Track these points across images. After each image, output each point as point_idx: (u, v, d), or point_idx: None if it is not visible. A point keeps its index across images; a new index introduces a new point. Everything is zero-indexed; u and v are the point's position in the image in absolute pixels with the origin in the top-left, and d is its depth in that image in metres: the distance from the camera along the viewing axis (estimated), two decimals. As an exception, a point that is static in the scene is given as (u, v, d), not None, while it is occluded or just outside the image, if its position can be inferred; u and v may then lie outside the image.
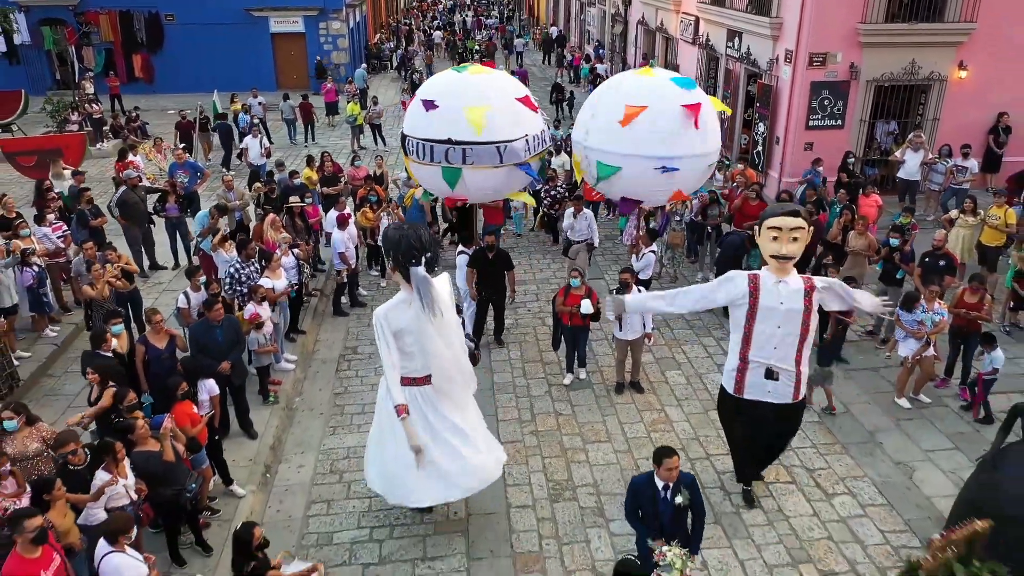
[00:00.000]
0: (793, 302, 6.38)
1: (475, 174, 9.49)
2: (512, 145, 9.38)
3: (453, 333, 6.56)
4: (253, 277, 9.34)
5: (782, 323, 6.41)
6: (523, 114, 9.68)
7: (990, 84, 15.23)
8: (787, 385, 6.62)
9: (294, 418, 8.89)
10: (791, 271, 6.53)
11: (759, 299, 6.40)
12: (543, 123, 10.12)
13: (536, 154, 9.88)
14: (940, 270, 9.24)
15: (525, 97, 9.86)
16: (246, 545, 5.34)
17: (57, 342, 10.04)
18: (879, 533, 6.95)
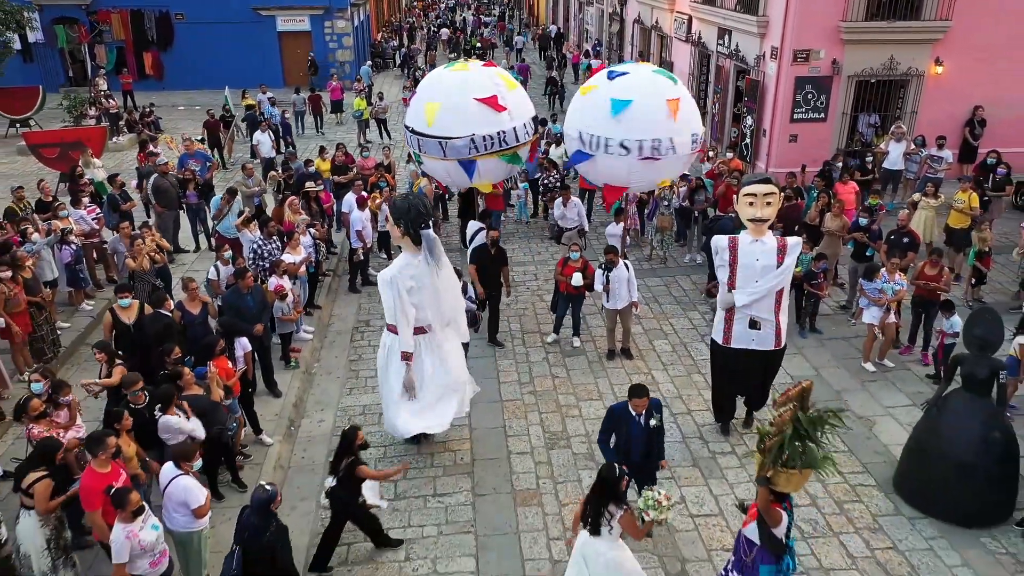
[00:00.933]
0: (767, 259, 7.27)
1: (428, 161, 10.83)
2: (452, 142, 10.29)
3: (452, 287, 7.75)
4: (274, 253, 10.19)
5: (759, 277, 7.29)
6: (477, 114, 10.31)
7: (965, 79, 16.05)
8: (769, 333, 7.50)
9: (313, 380, 9.76)
10: (766, 232, 7.41)
11: (738, 257, 7.29)
12: (509, 122, 10.54)
13: (492, 151, 10.52)
14: (903, 246, 10.10)
15: (491, 97, 10.39)
16: (350, 443, 6.31)
17: (92, 315, 10.89)
18: (838, 474, 7.79)
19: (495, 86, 10.68)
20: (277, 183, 14.04)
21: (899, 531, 7.02)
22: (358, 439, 6.35)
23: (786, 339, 7.84)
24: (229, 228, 11.65)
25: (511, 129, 10.56)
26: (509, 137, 10.60)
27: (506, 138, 10.57)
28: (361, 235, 12.01)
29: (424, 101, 10.69)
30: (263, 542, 5.52)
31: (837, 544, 6.88)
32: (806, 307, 10.49)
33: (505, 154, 10.77)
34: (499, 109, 10.47)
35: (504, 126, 10.50)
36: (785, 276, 7.47)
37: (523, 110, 10.95)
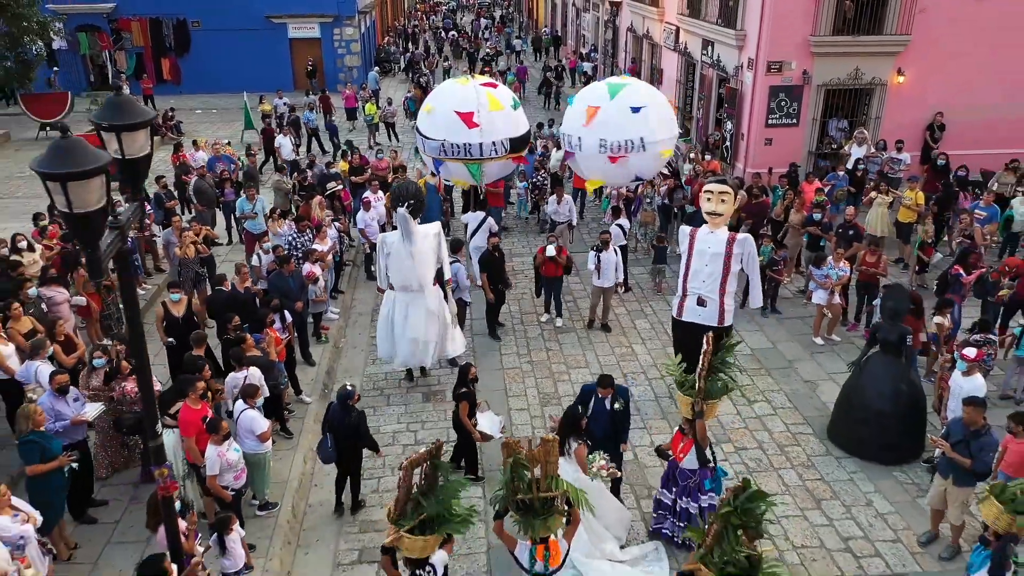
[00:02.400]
0: (717, 248, 8.84)
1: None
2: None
3: (422, 262, 9.63)
4: (306, 244, 11.76)
5: (709, 263, 8.87)
6: (453, 124, 12.08)
7: (925, 88, 17.61)
8: (713, 311, 9.06)
9: (341, 353, 11.36)
10: (721, 226, 8.98)
11: (695, 244, 8.88)
12: (479, 138, 12.10)
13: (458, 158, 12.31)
14: (849, 238, 11.68)
15: (468, 114, 12.06)
16: (465, 376, 8.17)
17: (145, 298, 12.46)
18: (784, 425, 9.40)
19: (478, 104, 12.23)
20: (293, 185, 15.57)
21: (827, 467, 8.62)
22: (471, 374, 8.22)
23: (731, 320, 9.28)
24: (253, 226, 13.25)
25: (478, 144, 12.11)
26: (474, 151, 12.19)
27: (471, 151, 12.19)
28: (363, 233, 13.52)
29: (426, 103, 12.93)
30: (347, 424, 7.44)
31: (776, 477, 8.47)
32: (767, 290, 12.05)
33: (470, 163, 12.43)
34: (471, 126, 12.11)
35: (472, 140, 12.10)
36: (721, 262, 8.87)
37: (499, 130, 12.29)
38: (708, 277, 8.92)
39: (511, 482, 5.47)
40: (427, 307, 9.79)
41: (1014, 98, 17.62)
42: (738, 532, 5.04)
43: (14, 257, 10.28)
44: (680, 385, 6.88)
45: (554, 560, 5.60)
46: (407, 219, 9.46)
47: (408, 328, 9.78)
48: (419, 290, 9.80)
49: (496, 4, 70.94)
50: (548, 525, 5.49)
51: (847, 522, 7.78)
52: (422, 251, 9.67)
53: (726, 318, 9.20)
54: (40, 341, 8.14)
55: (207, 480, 6.82)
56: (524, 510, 5.49)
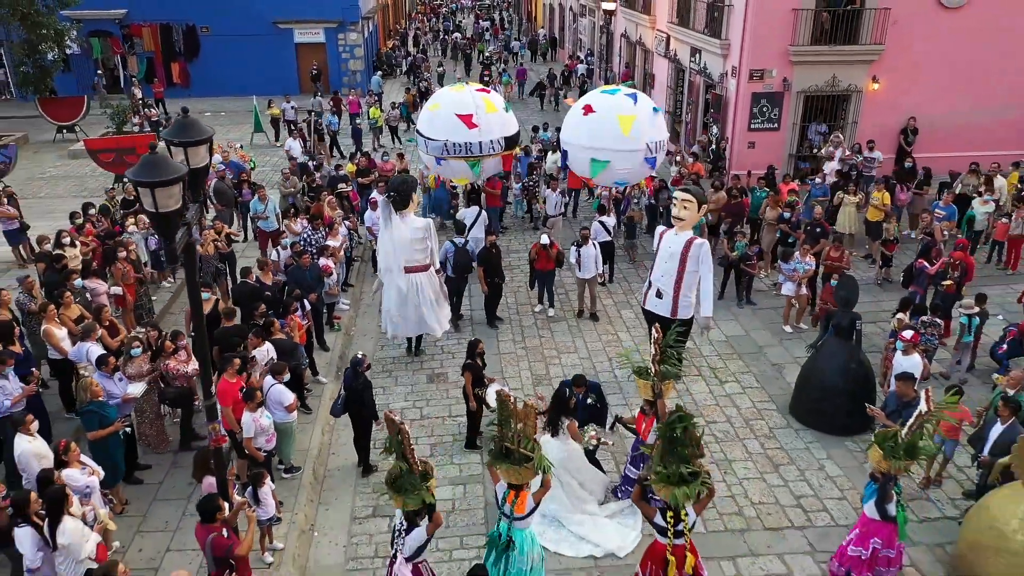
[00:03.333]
0: (676, 248, 9.94)
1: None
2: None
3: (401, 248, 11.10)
4: (320, 241, 12.84)
5: (668, 260, 9.99)
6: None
7: (898, 94, 18.70)
8: (667, 304, 10.16)
9: (352, 339, 12.44)
10: (685, 229, 10.06)
11: (662, 243, 9.97)
12: (478, 137, 14.24)
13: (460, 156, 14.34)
14: (816, 235, 12.76)
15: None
16: (472, 350, 9.38)
17: (171, 291, 13.56)
18: (751, 402, 10.49)
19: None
20: (303, 186, 16.63)
21: (786, 437, 9.71)
22: (479, 348, 9.40)
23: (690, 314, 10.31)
24: (266, 225, 14.36)
25: (478, 142, 14.26)
26: (475, 148, 14.34)
27: (472, 149, 14.34)
28: (371, 230, 14.62)
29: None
30: (355, 387, 8.64)
31: (740, 445, 9.56)
32: (742, 283, 13.17)
33: (470, 160, 14.46)
34: (471, 126, 14.14)
35: (473, 139, 14.20)
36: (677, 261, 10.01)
37: (495, 130, 14.44)
38: (666, 273, 10.06)
39: (499, 427, 6.54)
40: (397, 287, 11.18)
41: (983, 104, 18.68)
42: (683, 450, 6.17)
43: (57, 251, 11.34)
44: (638, 373, 7.96)
45: (519, 508, 6.59)
46: (387, 206, 11.05)
47: (398, 306, 11.29)
48: (398, 272, 11.21)
49: (496, 6, 72.03)
50: (519, 475, 6.52)
51: (800, 483, 8.87)
52: (403, 239, 11.05)
53: (680, 311, 10.22)
54: (90, 325, 9.22)
55: (243, 443, 7.89)
56: (504, 455, 6.56)
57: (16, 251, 14.36)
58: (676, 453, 6.20)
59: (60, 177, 22.42)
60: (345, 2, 32.34)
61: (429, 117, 14.77)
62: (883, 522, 6.64)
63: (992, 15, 18.03)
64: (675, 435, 6.20)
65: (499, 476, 6.69)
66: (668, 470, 6.16)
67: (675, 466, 6.14)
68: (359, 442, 9.10)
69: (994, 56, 18.31)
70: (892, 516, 6.56)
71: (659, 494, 6.26)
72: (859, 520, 7.01)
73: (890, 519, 6.58)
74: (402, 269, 11.16)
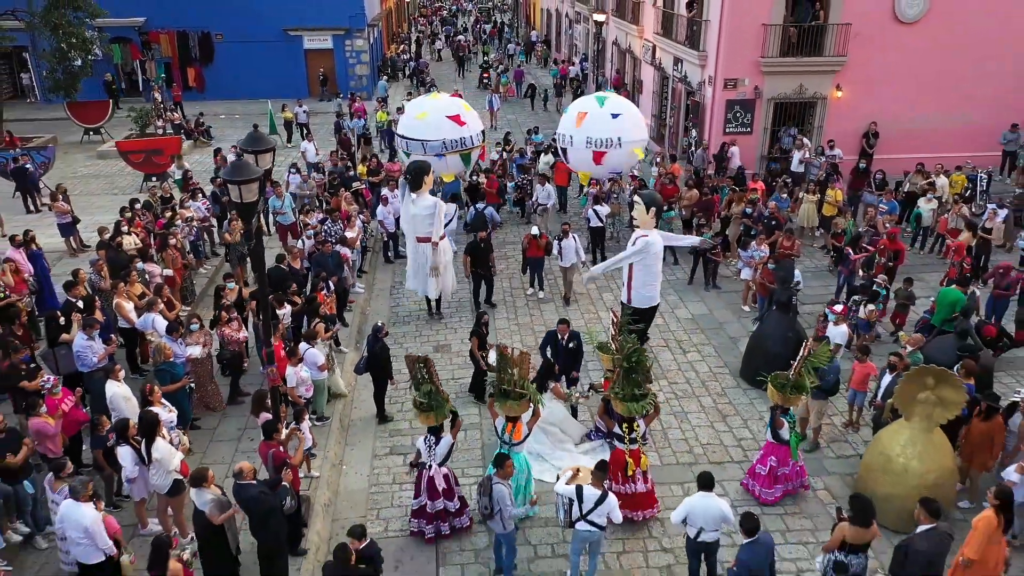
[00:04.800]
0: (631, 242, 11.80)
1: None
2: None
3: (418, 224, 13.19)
4: (338, 232, 14.68)
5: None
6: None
7: (860, 101, 20.53)
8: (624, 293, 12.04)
9: (368, 318, 14.28)
10: (645, 227, 11.90)
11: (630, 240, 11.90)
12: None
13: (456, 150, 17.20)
14: (771, 227, 14.60)
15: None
16: (479, 320, 11.13)
17: (207, 276, 15.41)
18: (708, 368, 12.35)
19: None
20: (324, 184, 18.49)
21: (735, 395, 11.56)
22: (483, 320, 11.23)
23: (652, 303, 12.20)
24: (284, 219, 16.23)
25: (470, 136, 17.42)
26: (468, 142, 17.46)
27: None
28: (382, 224, 16.51)
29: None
30: (374, 351, 10.42)
31: (696, 401, 11.42)
32: (709, 269, 15.02)
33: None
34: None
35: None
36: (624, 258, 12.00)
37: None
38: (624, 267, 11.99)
39: (499, 372, 8.39)
40: (413, 252, 13.38)
41: (938, 110, 20.53)
42: (635, 377, 8.04)
43: (117, 239, 13.18)
44: (600, 348, 9.84)
45: (516, 436, 8.49)
46: (404, 186, 13.37)
47: (417, 268, 13.64)
48: (411, 240, 13.52)
49: (496, 9, 73.88)
50: (515, 408, 8.39)
51: (742, 430, 10.74)
52: (417, 215, 13.18)
53: (633, 300, 12.08)
54: (153, 299, 11.07)
55: (288, 393, 9.73)
56: (503, 395, 8.41)
57: (68, 242, 16.19)
58: (631, 379, 8.10)
59: (91, 176, 24.19)
60: (352, 10, 34.20)
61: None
62: (778, 444, 8.52)
63: (946, 29, 19.84)
64: (630, 365, 8.08)
65: (497, 413, 8.55)
66: (625, 391, 8.06)
67: (630, 388, 8.04)
68: (377, 396, 10.96)
69: (948, 66, 20.13)
70: (785, 439, 8.43)
71: (618, 409, 8.16)
72: (764, 445, 8.90)
73: (783, 442, 8.45)
74: (415, 238, 13.24)
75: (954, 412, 8.42)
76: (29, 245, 13.10)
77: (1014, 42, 20.04)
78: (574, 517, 7.38)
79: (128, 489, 8.31)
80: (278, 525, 7.38)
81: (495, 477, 7.66)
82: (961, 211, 15.66)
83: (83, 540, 7.11)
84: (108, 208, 19.32)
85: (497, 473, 7.75)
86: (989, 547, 6.76)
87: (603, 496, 7.29)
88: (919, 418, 8.55)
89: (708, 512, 7.25)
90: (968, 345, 9.89)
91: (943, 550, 6.74)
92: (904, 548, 6.79)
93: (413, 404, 8.41)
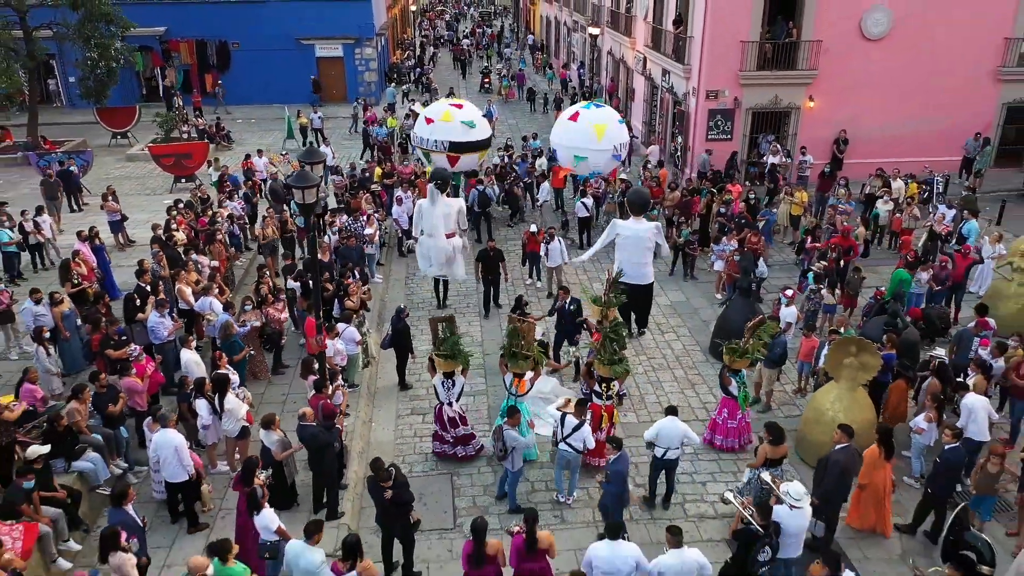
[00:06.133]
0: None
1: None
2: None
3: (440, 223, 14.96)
4: (360, 229, 16.63)
5: None
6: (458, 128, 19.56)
7: (831, 110, 22.50)
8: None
9: (386, 305, 16.25)
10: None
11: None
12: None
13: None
14: (741, 225, 16.56)
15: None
16: (519, 302, 12.90)
17: (244, 266, 17.38)
18: (683, 346, 14.33)
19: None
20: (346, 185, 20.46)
21: (704, 368, 13.53)
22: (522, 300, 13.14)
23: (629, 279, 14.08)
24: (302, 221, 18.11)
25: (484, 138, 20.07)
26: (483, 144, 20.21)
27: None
28: (397, 222, 18.49)
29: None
30: (397, 328, 12.39)
31: (670, 372, 13.39)
32: (687, 262, 16.99)
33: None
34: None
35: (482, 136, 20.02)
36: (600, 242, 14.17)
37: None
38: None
39: (510, 338, 10.43)
40: (439, 246, 15.21)
41: (903, 118, 22.50)
42: (614, 345, 10.05)
43: (169, 234, 15.15)
44: (593, 300, 11.80)
45: (521, 389, 10.49)
46: (434, 191, 15.08)
47: (433, 256, 15.36)
48: (439, 236, 15.20)
49: (496, 14, 75.83)
50: (521, 366, 10.39)
51: (708, 395, 12.71)
52: (444, 214, 15.07)
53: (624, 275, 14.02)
54: (209, 284, 13.04)
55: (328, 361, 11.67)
56: (513, 356, 10.43)
57: (116, 237, 18.14)
58: (610, 347, 10.08)
59: (123, 178, 26.09)
60: (361, 20, 36.15)
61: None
62: (727, 398, 10.50)
63: (908, 45, 21.82)
64: (611, 335, 10.08)
65: (506, 370, 10.55)
66: (605, 356, 10.03)
67: (609, 354, 10.01)
68: (400, 368, 12.93)
69: (910, 78, 22.11)
70: (733, 394, 10.40)
71: (600, 372, 10.14)
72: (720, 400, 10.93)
73: (731, 396, 10.43)
74: (443, 234, 15.23)
75: (871, 374, 10.39)
76: (93, 240, 15.05)
77: (969, 56, 22.00)
78: (558, 438, 9.45)
79: (203, 436, 10.26)
80: (331, 458, 9.35)
81: (505, 425, 9.63)
82: (913, 212, 17.63)
83: (173, 460, 9.02)
84: (142, 207, 21.30)
85: (507, 422, 9.71)
86: (875, 472, 8.75)
87: (579, 424, 9.32)
88: (845, 379, 10.51)
89: (673, 432, 9.34)
90: (893, 323, 11.85)
91: (853, 463, 8.71)
92: (824, 460, 8.78)
93: (432, 356, 10.50)
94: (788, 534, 7.67)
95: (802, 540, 7.96)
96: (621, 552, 7.23)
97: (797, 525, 7.71)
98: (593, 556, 7.29)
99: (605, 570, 7.21)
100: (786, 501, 7.69)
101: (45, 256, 16.98)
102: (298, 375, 12.31)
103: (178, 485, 9.29)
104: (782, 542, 7.61)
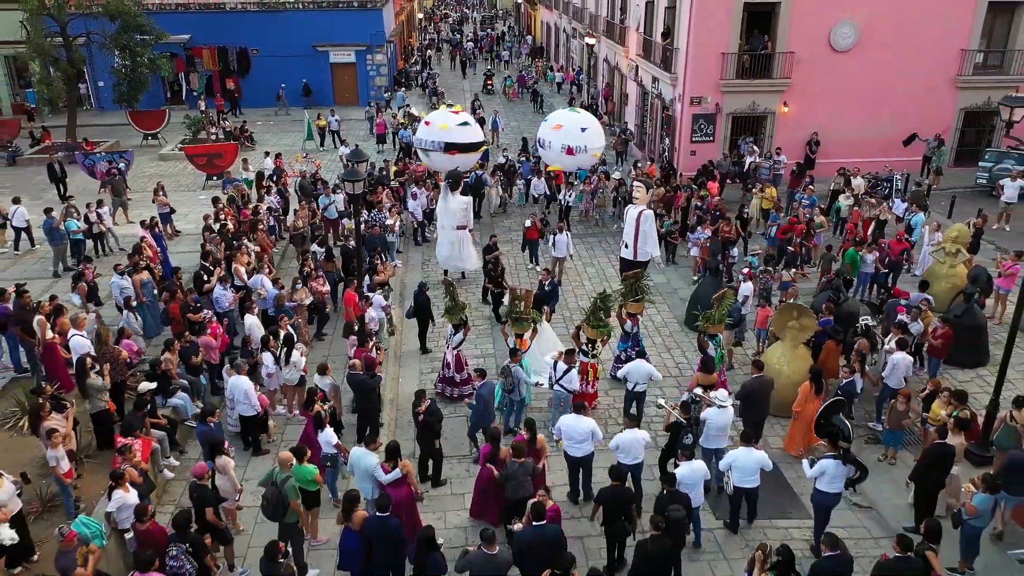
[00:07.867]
0: (633, 216, 16.16)
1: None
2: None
3: (453, 216, 17.09)
4: (382, 220, 19.02)
5: (627, 223, 16.22)
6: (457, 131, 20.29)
7: (804, 115, 24.84)
8: (630, 251, 16.38)
9: (406, 286, 18.62)
10: (640, 204, 16.25)
11: (627, 215, 16.27)
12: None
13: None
14: (715, 217, 18.95)
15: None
16: (542, 285, 15.27)
17: (280, 252, 19.76)
18: (662, 319, 16.71)
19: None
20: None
21: (680, 336, 15.93)
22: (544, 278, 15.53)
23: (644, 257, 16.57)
24: (330, 213, 20.52)
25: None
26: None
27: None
28: (413, 215, 20.92)
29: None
30: (419, 301, 14.68)
31: (650, 340, 15.74)
32: (669, 249, 19.38)
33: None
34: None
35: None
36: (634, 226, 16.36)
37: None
38: (628, 231, 16.40)
39: (511, 304, 12.80)
40: (449, 236, 17.45)
41: (867, 122, 24.83)
42: (600, 312, 12.44)
43: (219, 223, 17.55)
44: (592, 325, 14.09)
45: (523, 346, 12.87)
46: (446, 188, 17.16)
47: (444, 243, 17.58)
48: (449, 228, 17.37)
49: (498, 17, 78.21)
50: (522, 328, 12.78)
51: (682, 358, 15.09)
52: (453, 210, 17.27)
53: (639, 255, 16.46)
54: (260, 264, 15.43)
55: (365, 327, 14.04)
56: (515, 319, 12.80)
57: (165, 228, 20.51)
58: (597, 314, 12.50)
59: (157, 176, 28.21)
60: (373, 28, 38.51)
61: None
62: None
63: (872, 56, 24.15)
64: (598, 305, 12.51)
65: (509, 333, 12.91)
66: (592, 321, 12.43)
67: (596, 319, 12.42)
68: (421, 335, 15.33)
69: (875, 86, 24.46)
70: (710, 355, 12.77)
71: (587, 334, 12.53)
72: (699, 361, 13.33)
73: (708, 357, 12.79)
74: (454, 228, 17.46)
75: (808, 334, 12.78)
76: (153, 228, 17.44)
77: (929, 66, 24.33)
78: (552, 381, 11.88)
79: (266, 382, 12.63)
80: (375, 401, 11.74)
81: (511, 363, 12.05)
82: (870, 202, 20.01)
83: (244, 400, 11.42)
84: (178, 203, 23.57)
85: (511, 361, 12.14)
86: (807, 404, 11.16)
87: (568, 369, 11.73)
88: (788, 338, 12.89)
89: (640, 370, 11.99)
90: (831, 295, 14.24)
91: (766, 389, 11.50)
92: (744, 388, 11.39)
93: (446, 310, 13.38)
94: (715, 427, 10.56)
95: (727, 434, 10.82)
96: (582, 423, 10.26)
97: (723, 420, 10.66)
98: (562, 425, 10.47)
99: (569, 435, 10.29)
100: (715, 403, 10.52)
101: (105, 244, 19.38)
102: (335, 341, 14.73)
103: (248, 419, 11.68)
104: (710, 435, 10.63)
